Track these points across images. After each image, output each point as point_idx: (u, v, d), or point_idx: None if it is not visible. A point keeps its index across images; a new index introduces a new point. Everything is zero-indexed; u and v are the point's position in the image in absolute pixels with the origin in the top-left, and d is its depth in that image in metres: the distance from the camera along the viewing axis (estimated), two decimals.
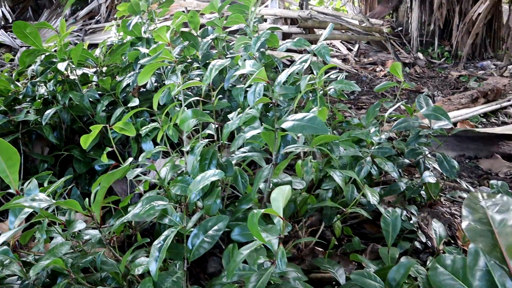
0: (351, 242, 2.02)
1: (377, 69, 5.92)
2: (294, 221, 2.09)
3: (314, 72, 2.25)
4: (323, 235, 2.10)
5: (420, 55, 6.42)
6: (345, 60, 6.41)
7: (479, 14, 5.85)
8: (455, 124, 3.68)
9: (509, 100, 4.33)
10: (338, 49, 6.95)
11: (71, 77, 2.83)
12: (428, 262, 1.75)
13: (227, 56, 2.88)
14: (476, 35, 6.12)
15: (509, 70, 5.81)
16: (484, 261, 0.98)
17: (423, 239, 2.05)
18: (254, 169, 2.74)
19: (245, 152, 1.62)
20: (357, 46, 6.78)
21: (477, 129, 3.50)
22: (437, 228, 1.74)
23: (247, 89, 1.66)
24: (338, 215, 2.03)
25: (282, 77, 1.50)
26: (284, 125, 1.39)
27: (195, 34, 2.93)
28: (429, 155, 2.36)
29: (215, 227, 1.30)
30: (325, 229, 2.11)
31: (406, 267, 1.33)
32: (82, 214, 1.30)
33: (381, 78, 5.39)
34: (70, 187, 2.47)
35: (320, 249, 1.97)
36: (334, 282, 1.72)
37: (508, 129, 3.55)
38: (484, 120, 4.05)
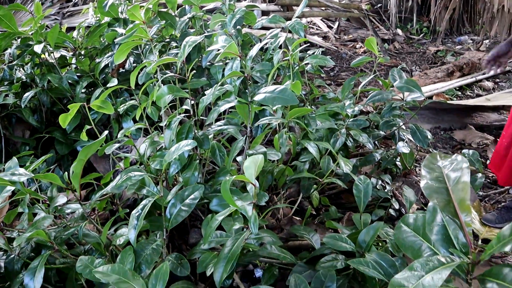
0: (329, 212, 2.10)
1: (357, 46, 5.97)
2: (273, 193, 2.15)
3: (289, 48, 2.29)
4: (301, 205, 2.17)
5: (399, 31, 6.47)
6: (325, 37, 6.44)
7: None
8: (431, 97, 3.76)
9: (483, 74, 4.43)
10: (319, 26, 6.97)
11: (49, 60, 2.83)
12: None
13: (205, 35, 2.89)
14: (454, 10, 6.19)
15: (485, 45, 5.91)
16: (441, 216, 1.05)
17: (397, 206, 2.14)
18: None
19: (220, 126, 1.66)
20: (337, 23, 6.81)
21: (451, 102, 3.59)
22: (408, 194, 1.82)
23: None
24: (315, 185, 2.10)
25: (253, 51, 1.54)
26: (256, 98, 1.43)
27: (173, 14, 2.93)
28: (403, 127, 2.43)
29: (192, 196, 1.36)
30: (303, 199, 2.19)
31: (375, 229, 1.41)
32: (65, 192, 1.34)
33: (361, 54, 5.45)
34: (52, 167, 2.50)
35: (298, 218, 2.05)
36: (310, 248, 1.79)
37: (481, 101, 3.65)
38: (460, 93, 4.14)
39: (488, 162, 3.00)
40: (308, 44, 5.66)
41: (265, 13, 5.01)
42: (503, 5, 5.51)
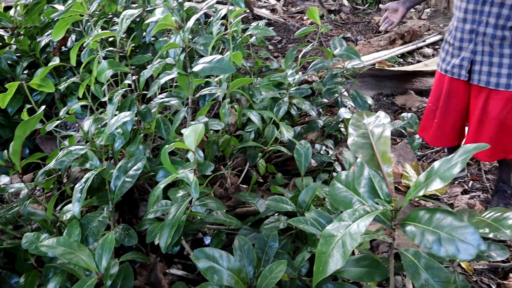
0: (275, 178, 2.18)
1: (304, 18, 6.02)
2: (221, 163, 2.20)
3: (231, 20, 2.31)
4: (249, 174, 2.24)
5: (345, 1, 6.57)
6: (273, 10, 6.45)
7: None
8: (374, 64, 3.89)
9: (424, 41, 4.61)
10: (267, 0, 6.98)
11: None
12: None
13: (146, 9, 2.85)
14: None
15: (426, 13, 6.11)
16: (368, 170, 1.13)
17: (339, 170, 2.24)
18: None
19: (163, 99, 1.68)
20: None
21: (392, 69, 3.73)
22: (347, 156, 1.91)
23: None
24: (261, 154, 2.16)
25: (189, 23, 1.56)
26: (195, 68, 1.46)
27: None
28: (345, 93, 2.52)
29: (135, 167, 1.38)
30: (250, 168, 2.25)
31: (313, 189, 1.49)
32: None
33: (308, 26, 5.50)
34: None
35: (245, 186, 2.11)
36: (257, 214, 1.86)
37: (420, 66, 3.82)
38: (402, 60, 4.30)
39: None
40: (257, 17, 5.66)
41: None
42: None
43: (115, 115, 1.64)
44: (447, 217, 0.93)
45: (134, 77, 1.84)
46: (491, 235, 1.09)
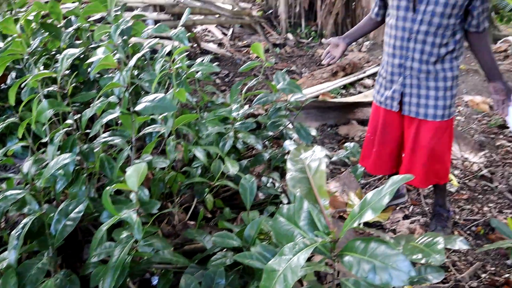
0: (223, 213, 2.18)
1: (251, 51, 6.18)
2: (168, 200, 2.19)
3: (176, 57, 2.34)
4: (196, 210, 2.23)
5: (289, 35, 6.81)
6: (220, 44, 6.57)
7: None
8: (317, 96, 4.04)
9: (364, 72, 4.85)
10: (214, 34, 7.09)
11: None
12: None
13: (91, 46, 2.84)
14: (337, 15, 6.67)
15: (366, 46, 6.45)
16: (307, 204, 1.18)
17: (286, 202, 2.28)
18: None
19: (106, 138, 1.67)
20: (231, 30, 6.98)
21: (335, 100, 3.89)
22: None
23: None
24: (208, 189, 2.17)
25: (131, 62, 1.58)
26: (137, 108, 1.47)
27: (58, 25, 2.83)
28: (290, 126, 2.60)
29: (76, 210, 1.35)
30: (198, 204, 2.25)
31: (258, 223, 1.51)
32: None
33: (254, 59, 5.65)
34: None
35: (192, 222, 2.10)
36: (204, 250, 1.86)
37: (360, 97, 4.01)
38: (344, 91, 4.49)
39: None
40: (204, 51, 5.75)
41: (157, 22, 5.00)
42: None
43: (57, 155, 1.61)
44: (381, 246, 0.98)
45: (77, 116, 1.82)
46: (423, 261, 1.15)
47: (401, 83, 2.08)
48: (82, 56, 2.67)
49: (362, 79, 4.81)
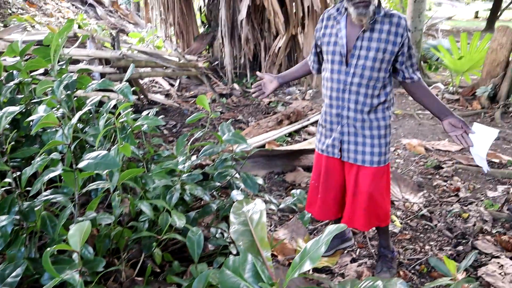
0: (172, 267, 2.15)
1: None
2: (115, 257, 2.13)
3: (121, 111, 2.36)
4: (144, 265, 2.18)
5: (236, 85, 7.00)
6: (168, 95, 6.64)
7: (279, 47, 6.69)
8: (264, 145, 4.13)
9: (308, 120, 5.04)
10: (161, 85, 7.16)
11: None
12: None
13: (33, 101, 2.80)
14: (280, 65, 6.96)
15: (309, 94, 6.73)
16: (250, 256, 1.20)
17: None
18: None
19: (47, 196, 1.64)
20: (178, 81, 7.09)
21: (280, 148, 4.00)
22: None
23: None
24: (156, 243, 2.14)
25: (74, 119, 1.58)
26: (80, 165, 1.47)
27: None
28: (237, 176, 2.64)
29: (14, 274, 1.31)
30: (146, 259, 2.20)
31: (205, 277, 1.51)
32: None
33: (202, 109, 5.73)
34: None
35: (140, 278, 2.05)
36: None
37: (305, 144, 4.14)
38: (289, 139, 4.63)
39: None
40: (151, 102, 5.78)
41: (103, 75, 5.01)
42: None
43: None
44: None
45: (16, 174, 1.78)
46: None
47: (339, 131, 2.20)
48: (24, 110, 2.62)
49: (306, 126, 4.98)
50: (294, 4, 6.48)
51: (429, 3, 25.47)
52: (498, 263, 2.54)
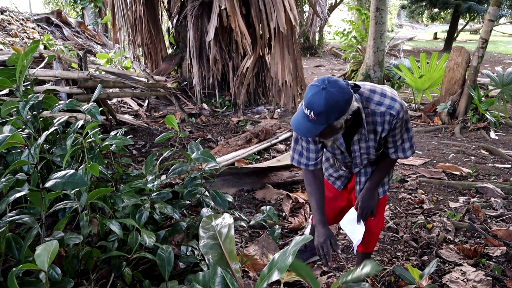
0: (143, 286, 2.14)
1: None
2: (83, 278, 2.10)
3: (89, 131, 2.35)
4: (114, 285, 2.16)
5: (205, 105, 7.03)
6: (137, 115, 6.60)
7: (247, 67, 6.78)
8: (233, 163, 4.17)
9: (277, 138, 5.11)
10: (130, 105, 7.12)
11: None
12: None
13: None
14: (248, 85, 7.04)
15: (277, 113, 6.83)
16: (220, 269, 1.23)
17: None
18: None
19: (12, 217, 1.62)
20: (147, 101, 7.06)
21: (249, 166, 4.04)
22: None
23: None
24: (125, 262, 2.13)
25: (41, 139, 1.58)
26: (47, 184, 1.46)
27: None
28: (207, 194, 2.66)
29: None
30: (115, 279, 2.18)
31: None
32: None
33: (171, 129, 5.73)
34: None
35: None
36: None
37: (274, 161, 4.20)
38: (259, 157, 4.68)
39: (283, 214, 3.45)
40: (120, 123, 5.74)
41: (70, 96, 4.95)
42: (285, 80, 6.52)
43: None
44: None
45: None
46: None
47: (347, 176, 2.41)
48: None
49: (275, 144, 5.05)
50: (260, 25, 6.61)
51: (390, 25, 26.44)
52: (461, 270, 2.64)
